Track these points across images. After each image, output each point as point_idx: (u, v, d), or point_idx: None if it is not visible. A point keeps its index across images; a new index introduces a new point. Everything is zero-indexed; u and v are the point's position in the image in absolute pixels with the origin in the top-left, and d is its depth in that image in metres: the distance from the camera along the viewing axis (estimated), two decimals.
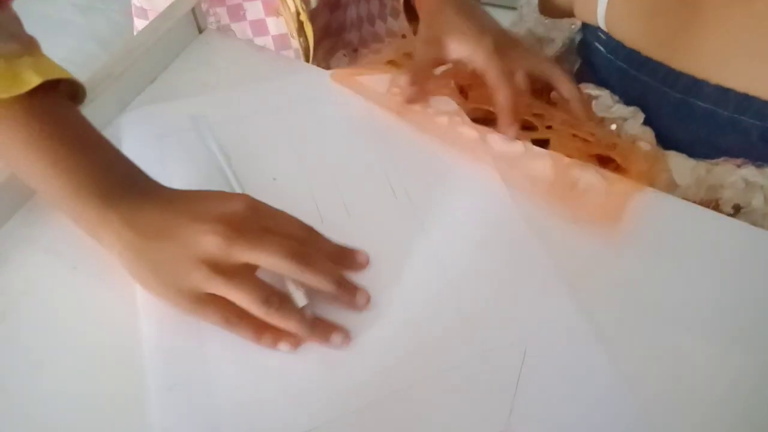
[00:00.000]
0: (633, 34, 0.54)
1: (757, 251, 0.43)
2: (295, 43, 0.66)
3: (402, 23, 0.80)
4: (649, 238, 0.43)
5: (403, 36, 0.80)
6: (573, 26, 0.63)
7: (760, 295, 0.41)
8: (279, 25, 0.66)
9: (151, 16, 0.68)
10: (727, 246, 0.43)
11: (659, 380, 0.37)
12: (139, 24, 0.70)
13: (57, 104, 0.40)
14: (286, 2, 0.63)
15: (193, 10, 0.55)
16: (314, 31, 0.66)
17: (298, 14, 0.64)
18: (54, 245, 0.41)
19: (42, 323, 0.38)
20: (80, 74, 0.43)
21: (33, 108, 0.38)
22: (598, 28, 0.56)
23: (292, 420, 0.34)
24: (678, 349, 0.38)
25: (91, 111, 0.46)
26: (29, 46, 0.40)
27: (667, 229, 0.44)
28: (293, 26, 0.65)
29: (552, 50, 0.65)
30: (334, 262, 0.39)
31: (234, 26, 0.66)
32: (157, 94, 0.52)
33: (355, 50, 0.74)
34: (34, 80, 0.37)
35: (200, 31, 0.57)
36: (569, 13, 0.60)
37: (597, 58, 0.58)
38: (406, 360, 0.37)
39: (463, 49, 0.50)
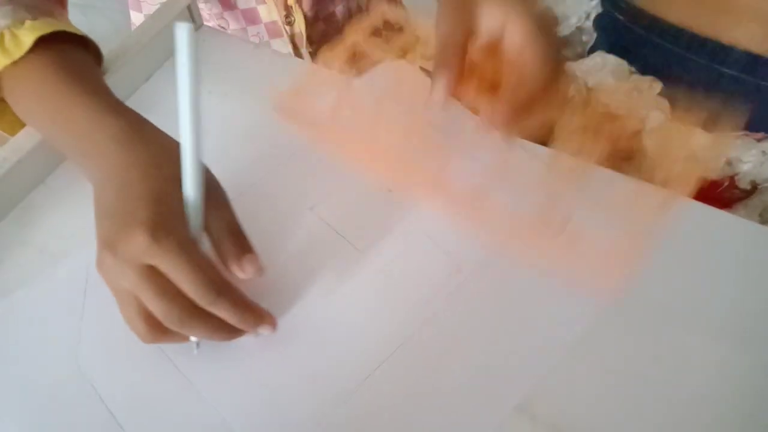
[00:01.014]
0: (656, 1, 0.51)
1: (759, 248, 0.42)
2: (288, 30, 0.65)
3: (398, 11, 0.78)
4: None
5: (400, 29, 0.78)
6: (592, 0, 0.60)
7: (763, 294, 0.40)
8: (271, 12, 0.65)
9: (145, 8, 0.67)
10: (731, 243, 0.42)
11: (662, 380, 0.36)
12: (135, 17, 0.69)
13: (62, 59, 0.40)
14: None
15: (188, 8, 0.54)
16: (317, 21, 0.66)
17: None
18: (47, 245, 0.41)
19: (35, 322, 0.38)
20: None
21: (38, 64, 0.39)
22: None
23: None
24: (683, 349, 0.37)
25: None
26: (43, 12, 0.41)
27: (673, 228, 0.43)
28: (282, 13, 0.64)
29: (567, 28, 0.62)
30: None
31: (227, 15, 0.66)
32: (152, 93, 0.51)
33: None
34: (28, 40, 0.39)
35: (196, 28, 0.57)
36: None
37: (617, 28, 0.55)
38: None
39: (497, 16, 0.36)
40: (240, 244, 0.36)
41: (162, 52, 0.54)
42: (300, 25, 0.66)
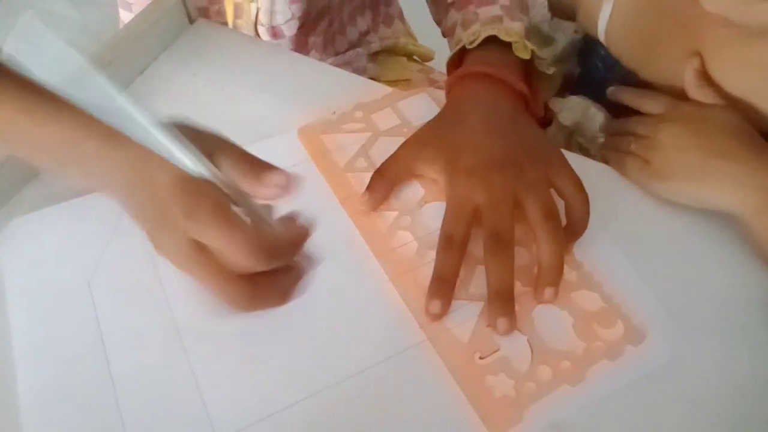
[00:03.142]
0: (631, 56, 0.51)
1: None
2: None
3: (395, 29, 0.78)
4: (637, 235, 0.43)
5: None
6: (576, 32, 0.60)
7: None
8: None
9: (135, 9, 0.67)
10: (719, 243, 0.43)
11: (659, 379, 0.36)
12: (125, 17, 0.68)
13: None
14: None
15: (182, 0, 0.54)
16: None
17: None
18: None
19: (28, 325, 0.37)
20: None
21: None
22: (598, 41, 0.54)
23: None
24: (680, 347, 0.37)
25: None
26: None
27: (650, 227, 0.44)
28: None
29: (553, 52, 0.62)
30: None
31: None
32: (147, 85, 0.51)
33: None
34: None
35: (191, 21, 0.56)
36: (574, 17, 0.57)
37: (594, 73, 0.56)
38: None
39: (434, 166, 0.43)
40: (258, 163, 0.34)
41: (156, 44, 0.53)
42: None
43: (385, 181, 0.43)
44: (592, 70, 0.57)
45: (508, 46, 0.48)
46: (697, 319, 0.38)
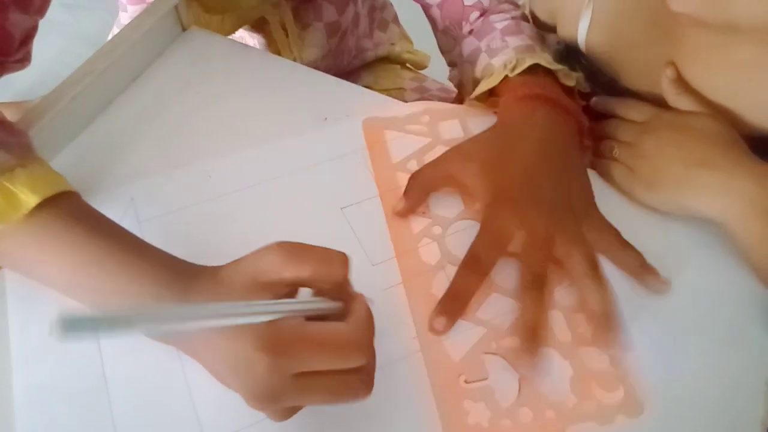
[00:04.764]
0: (612, 64, 0.51)
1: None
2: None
3: (390, 34, 0.79)
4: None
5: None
6: (558, 43, 0.60)
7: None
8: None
9: (130, 9, 0.67)
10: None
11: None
12: (123, 18, 0.69)
13: (72, 204, 0.35)
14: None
15: (175, 8, 0.54)
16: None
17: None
18: None
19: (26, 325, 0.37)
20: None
21: (40, 221, 0.33)
22: (580, 50, 0.54)
23: None
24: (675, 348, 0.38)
25: (73, 109, 0.46)
26: (20, 151, 0.36)
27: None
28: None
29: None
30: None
31: None
32: (141, 92, 0.51)
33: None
34: (31, 200, 0.33)
35: (184, 29, 0.56)
36: (554, 29, 0.57)
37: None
38: None
39: (475, 181, 0.42)
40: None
41: (149, 52, 0.53)
42: None
43: (421, 186, 0.43)
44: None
45: (548, 73, 0.47)
46: (683, 323, 0.39)
